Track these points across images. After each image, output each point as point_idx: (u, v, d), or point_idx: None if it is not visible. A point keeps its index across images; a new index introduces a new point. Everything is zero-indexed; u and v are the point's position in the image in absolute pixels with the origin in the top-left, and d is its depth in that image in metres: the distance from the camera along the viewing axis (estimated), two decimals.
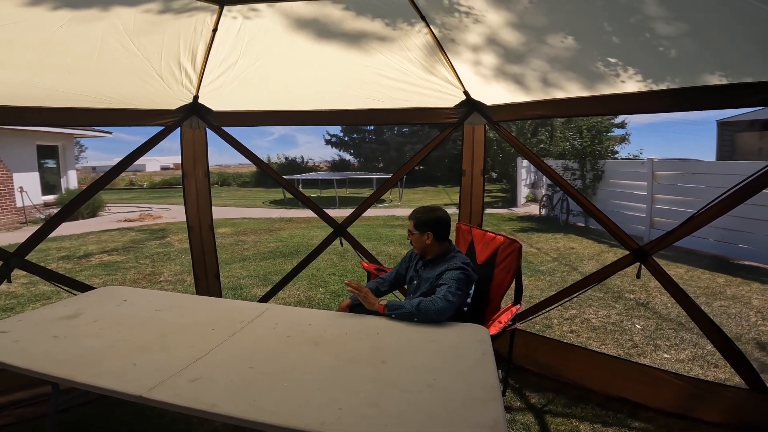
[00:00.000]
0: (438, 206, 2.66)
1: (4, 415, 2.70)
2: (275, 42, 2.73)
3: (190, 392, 1.53)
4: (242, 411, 1.42)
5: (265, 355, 1.85)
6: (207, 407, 1.44)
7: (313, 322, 2.19)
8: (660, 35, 2.08)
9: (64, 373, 1.67)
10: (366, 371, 1.72)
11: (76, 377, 1.65)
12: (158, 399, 1.49)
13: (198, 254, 3.59)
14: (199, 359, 1.78)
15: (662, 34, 2.06)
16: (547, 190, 12.15)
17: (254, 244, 8.49)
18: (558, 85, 2.77)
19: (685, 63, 2.29)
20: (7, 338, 2.03)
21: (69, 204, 3.10)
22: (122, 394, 1.54)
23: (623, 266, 2.99)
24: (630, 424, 2.72)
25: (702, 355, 3.73)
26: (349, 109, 3.50)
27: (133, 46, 2.38)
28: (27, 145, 12.13)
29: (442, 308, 2.19)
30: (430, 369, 1.75)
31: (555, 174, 3.35)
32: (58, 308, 2.44)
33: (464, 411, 1.46)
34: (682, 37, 2.09)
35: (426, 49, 2.84)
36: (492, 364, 1.79)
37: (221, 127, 3.45)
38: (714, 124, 16.17)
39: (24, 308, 4.95)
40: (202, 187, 3.53)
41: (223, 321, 2.22)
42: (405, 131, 27.47)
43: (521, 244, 2.64)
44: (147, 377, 1.63)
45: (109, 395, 1.58)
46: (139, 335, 2.04)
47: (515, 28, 2.34)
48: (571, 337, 4.08)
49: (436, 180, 24.29)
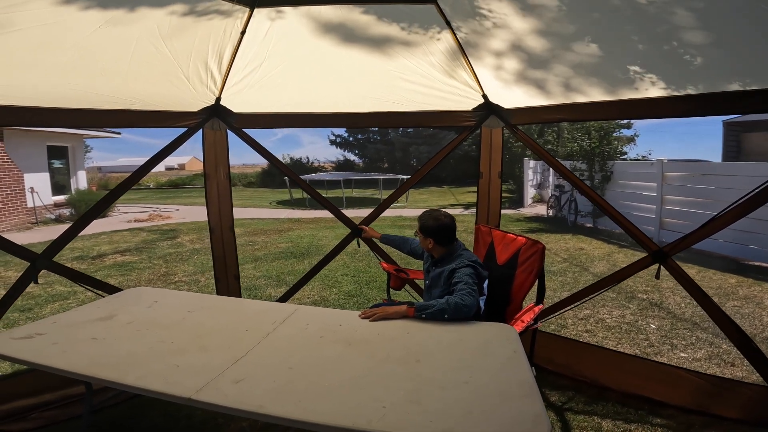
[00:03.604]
0: (443, 213, 2.70)
1: (33, 417, 2.74)
2: (300, 45, 2.77)
3: (235, 393, 1.57)
4: (289, 412, 1.46)
5: (301, 355, 1.89)
6: (255, 408, 1.48)
7: (344, 323, 2.23)
8: (687, 44, 2.12)
9: (111, 376, 1.70)
10: (402, 370, 1.76)
11: (124, 380, 1.68)
12: (206, 401, 1.53)
13: (219, 256, 3.63)
14: (239, 360, 1.82)
15: (689, 42, 2.10)
16: (555, 191, 12.15)
17: (265, 245, 8.56)
18: (580, 90, 2.81)
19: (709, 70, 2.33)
20: (45, 340, 2.06)
21: (98, 203, 3.12)
22: (171, 397, 1.57)
23: (642, 267, 3.02)
24: (651, 421, 2.76)
25: (718, 353, 3.76)
26: (368, 112, 3.55)
27: (166, 48, 2.43)
28: (37, 146, 12.23)
29: (471, 303, 2.26)
30: (464, 367, 1.79)
31: (573, 176, 3.38)
32: (90, 310, 2.49)
33: (504, 406, 1.51)
34: (708, 46, 2.12)
35: (448, 54, 2.88)
36: (525, 361, 1.83)
37: (242, 129, 3.50)
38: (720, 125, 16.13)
39: (42, 309, 5.00)
40: (223, 189, 3.58)
41: (254, 322, 2.26)
42: (410, 132, 27.50)
43: (544, 246, 2.67)
44: (191, 379, 1.67)
45: (156, 397, 1.62)
46: (175, 337, 2.09)
47: (541, 35, 2.38)
48: (586, 337, 4.11)
49: (442, 181, 24.33)
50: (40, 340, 2.07)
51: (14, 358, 1.94)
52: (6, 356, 1.97)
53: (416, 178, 4.13)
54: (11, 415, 2.72)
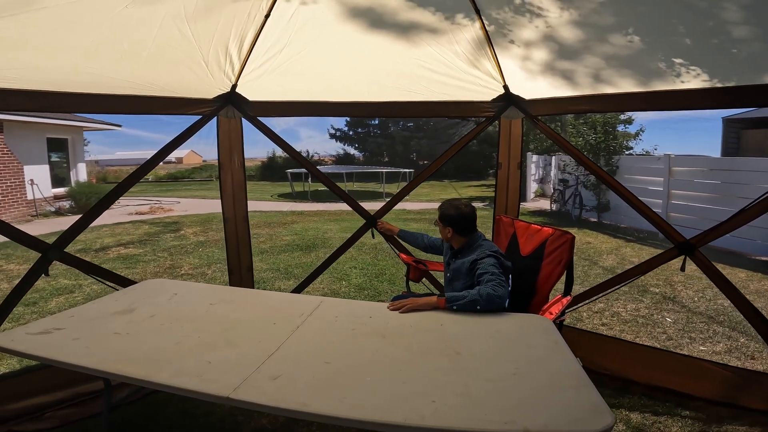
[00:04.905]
0: (464, 202, 2.64)
1: (47, 417, 2.63)
2: (324, 31, 2.69)
3: (274, 391, 1.49)
4: (335, 409, 1.39)
5: (336, 349, 1.83)
6: (299, 407, 1.41)
7: (373, 315, 2.17)
8: (735, 38, 2.08)
9: (141, 374, 1.61)
10: (443, 362, 1.70)
11: (156, 378, 1.60)
12: (246, 399, 1.45)
13: (233, 247, 3.56)
14: (272, 355, 1.75)
15: (738, 37, 2.05)
16: (559, 185, 12.11)
17: (269, 237, 8.47)
18: (609, 82, 2.76)
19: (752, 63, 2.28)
20: (65, 336, 1.95)
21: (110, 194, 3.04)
22: (208, 396, 1.49)
23: (668, 259, 2.98)
24: (680, 413, 2.72)
25: (737, 347, 3.73)
26: (385, 101, 3.47)
27: (189, 31, 2.33)
28: (37, 138, 12.08)
29: (504, 294, 2.21)
30: (508, 358, 1.73)
31: (599, 170, 3.30)
32: (108, 302, 2.41)
33: (559, 397, 1.46)
34: (756, 40, 2.08)
35: (474, 43, 2.81)
36: (569, 352, 1.78)
37: (256, 117, 3.41)
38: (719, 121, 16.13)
39: (47, 303, 4.91)
40: (237, 178, 3.50)
41: (280, 315, 2.19)
42: (410, 126, 27.37)
43: (574, 236, 2.61)
44: (226, 376, 1.59)
45: (191, 396, 1.54)
46: (202, 331, 2.01)
47: (577, 25, 2.31)
48: (603, 330, 4.07)
49: (443, 175, 24.20)
50: (59, 335, 1.97)
51: (33, 355, 1.83)
52: (24, 353, 1.85)
53: (434, 168, 4.07)
54: (24, 414, 2.61)
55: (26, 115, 11.13)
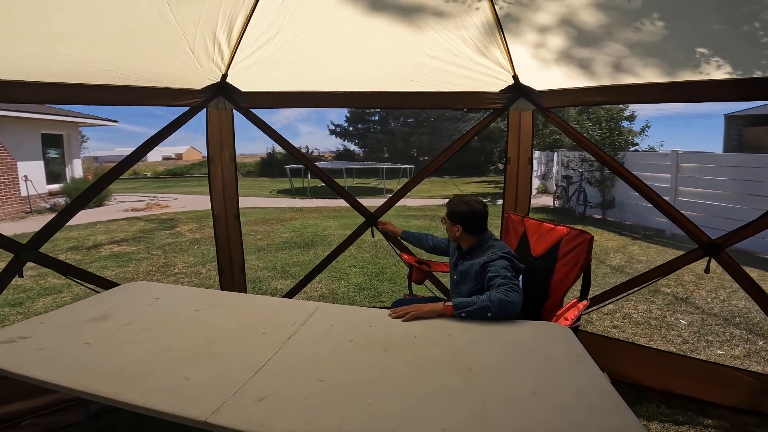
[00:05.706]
0: (475, 198, 2.44)
1: (26, 424, 2.47)
2: (321, 14, 2.47)
3: (260, 414, 1.30)
4: None
5: (331, 363, 1.62)
6: None
7: (374, 323, 1.96)
8: None
9: (108, 392, 1.42)
10: (454, 381, 1.49)
11: (123, 396, 1.41)
12: (225, 425, 1.26)
13: (223, 245, 3.35)
14: (259, 371, 1.55)
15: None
16: (562, 182, 11.89)
17: (267, 235, 8.27)
18: (632, 71, 2.54)
19: None
20: (30, 345, 1.77)
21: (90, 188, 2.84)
22: (182, 419, 1.30)
23: (692, 260, 2.79)
24: (702, 422, 2.55)
25: (756, 350, 3.56)
26: (386, 91, 3.25)
27: (171, 15, 2.12)
28: (31, 134, 11.85)
29: (517, 300, 2.00)
30: (526, 374, 1.54)
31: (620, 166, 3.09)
32: (83, 308, 2.19)
33: (586, 419, 1.27)
34: None
35: (483, 28, 2.60)
36: (594, 366, 1.57)
37: (249, 109, 3.20)
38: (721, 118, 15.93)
39: (34, 303, 4.71)
40: (228, 173, 3.28)
41: (271, 323, 1.99)
42: (410, 122, 27.13)
43: (592, 236, 2.41)
44: (205, 395, 1.39)
45: (163, 419, 1.34)
46: (183, 341, 1.80)
47: (599, 8, 2.09)
48: (615, 333, 3.87)
49: (443, 171, 23.96)
50: (23, 345, 1.77)
51: None
52: None
53: (440, 161, 3.84)
54: (1, 422, 2.45)
55: (19, 110, 10.91)
